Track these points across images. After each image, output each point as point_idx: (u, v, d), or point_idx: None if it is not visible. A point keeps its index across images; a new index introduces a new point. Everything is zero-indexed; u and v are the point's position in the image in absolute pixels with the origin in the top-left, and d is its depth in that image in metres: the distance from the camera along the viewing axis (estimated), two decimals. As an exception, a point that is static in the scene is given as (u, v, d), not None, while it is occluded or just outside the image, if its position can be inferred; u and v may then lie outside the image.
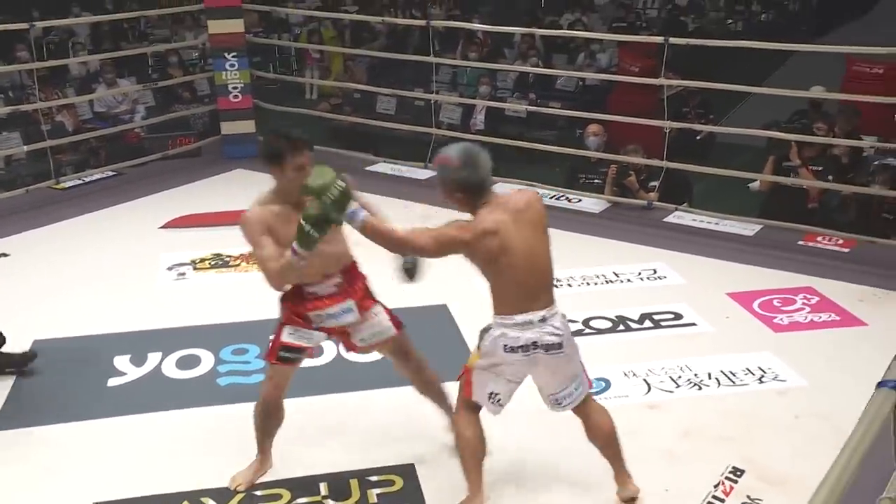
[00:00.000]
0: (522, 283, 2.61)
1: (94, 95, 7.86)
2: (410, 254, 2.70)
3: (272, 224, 2.76)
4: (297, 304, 2.89)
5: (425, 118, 7.06)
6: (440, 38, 9.03)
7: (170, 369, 3.76)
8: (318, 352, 3.26)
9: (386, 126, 7.37)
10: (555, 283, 2.76)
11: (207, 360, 3.83)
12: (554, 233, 5.32)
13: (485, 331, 2.69)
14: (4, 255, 4.99)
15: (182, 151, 7.09)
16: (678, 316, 4.25)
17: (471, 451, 2.76)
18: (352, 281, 2.94)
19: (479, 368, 2.71)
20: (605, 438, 2.84)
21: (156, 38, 10.88)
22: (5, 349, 3.69)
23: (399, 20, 9.50)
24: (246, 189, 3.37)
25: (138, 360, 3.81)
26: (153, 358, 3.83)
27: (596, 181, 6.13)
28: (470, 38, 9.14)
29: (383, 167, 6.78)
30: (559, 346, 2.67)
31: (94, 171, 6.59)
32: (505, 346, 2.63)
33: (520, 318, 2.62)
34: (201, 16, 8.74)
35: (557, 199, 6.01)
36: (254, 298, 4.41)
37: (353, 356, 3.77)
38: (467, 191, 2.60)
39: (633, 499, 2.87)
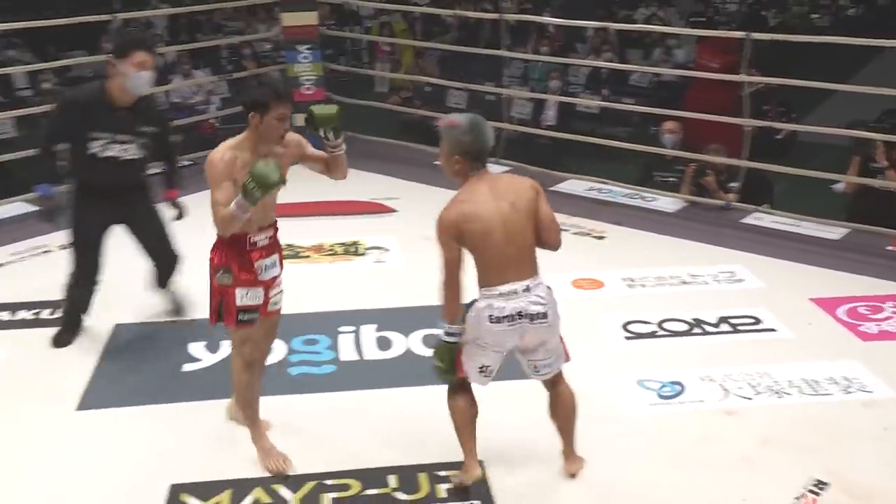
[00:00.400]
0: (504, 255, 2.70)
1: (171, 86, 8.06)
2: (452, 289, 2.73)
3: (237, 170, 2.88)
4: (241, 259, 2.98)
5: (495, 113, 7.00)
6: (511, 32, 8.97)
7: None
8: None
9: (457, 120, 7.35)
10: (537, 260, 2.80)
11: (279, 349, 3.88)
12: (627, 232, 5.35)
13: (468, 306, 2.75)
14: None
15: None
16: (757, 320, 4.13)
17: (459, 418, 2.87)
18: (276, 237, 3.12)
19: (466, 344, 2.78)
20: (566, 418, 2.96)
21: (230, 31, 11.10)
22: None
23: (471, 13, 9.47)
24: (318, 180, 3.40)
25: (212, 347, 3.88)
26: (226, 346, 3.88)
27: (671, 180, 6.01)
28: (541, 32, 9.07)
29: (453, 161, 6.78)
30: (544, 315, 2.74)
31: (170, 161, 6.73)
32: (490, 316, 2.70)
33: (504, 288, 2.70)
34: (275, 8, 8.87)
35: (631, 197, 5.92)
36: (324, 290, 4.51)
37: (422, 350, 3.82)
38: (467, 155, 2.70)
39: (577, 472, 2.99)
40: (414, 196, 5.94)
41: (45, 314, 4.22)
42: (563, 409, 2.95)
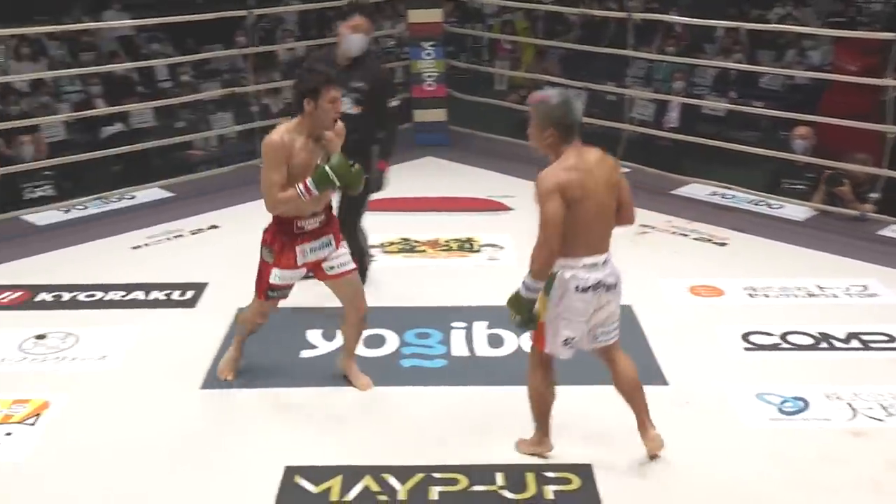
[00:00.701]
0: (592, 227, 2.83)
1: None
2: (550, 247, 2.79)
3: (292, 153, 3.13)
4: (286, 242, 3.27)
5: (616, 113, 6.90)
6: (636, 31, 8.79)
7: (357, 346, 3.91)
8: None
9: (576, 119, 7.25)
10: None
11: (392, 341, 3.96)
12: (750, 239, 5.17)
13: (550, 279, 2.84)
14: (215, 226, 5.40)
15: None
16: (891, 338, 3.91)
17: (540, 400, 3.04)
18: (330, 219, 3.37)
19: (549, 319, 2.88)
20: (632, 387, 3.02)
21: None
22: None
23: (597, 12, 9.33)
24: (436, 177, 3.46)
25: (329, 336, 3.99)
26: (341, 335, 3.99)
27: (800, 187, 5.76)
28: (668, 32, 8.84)
29: (571, 161, 6.71)
30: (615, 286, 2.92)
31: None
32: (577, 286, 2.84)
33: (588, 259, 2.84)
34: (400, 5, 9.03)
35: (756, 203, 5.71)
36: (437, 284, 4.57)
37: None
38: (560, 128, 2.80)
39: (657, 453, 3.02)
40: (530, 195, 5.91)
41: (176, 295, 4.44)
42: (626, 378, 3.03)
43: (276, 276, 3.31)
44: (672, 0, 11.71)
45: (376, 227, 5.36)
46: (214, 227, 5.41)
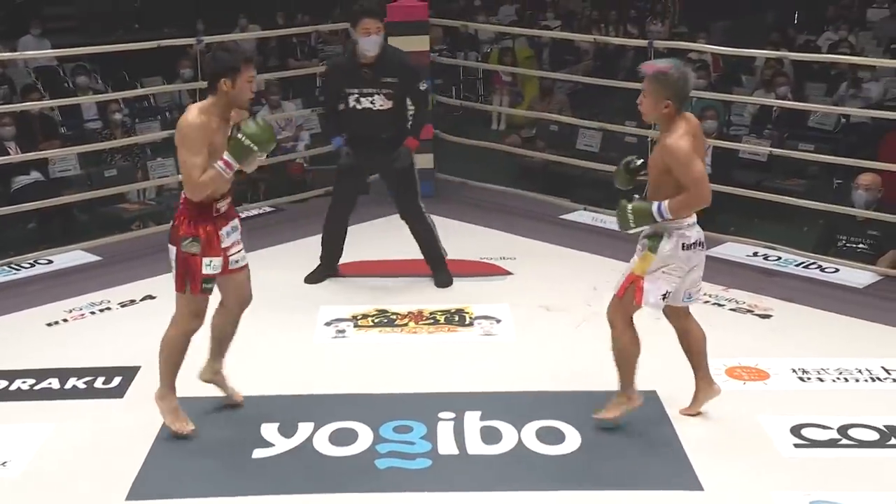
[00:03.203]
0: None
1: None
2: (699, 203, 3.66)
3: (210, 135, 3.58)
4: (209, 228, 3.69)
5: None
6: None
7: (322, 444, 3.89)
8: None
9: (588, 166, 7.38)
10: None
11: (365, 436, 3.94)
12: (800, 310, 5.22)
13: (654, 238, 3.66)
14: (150, 297, 5.41)
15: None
16: (975, 432, 3.92)
17: (632, 354, 3.80)
18: (231, 201, 3.84)
19: (650, 273, 3.68)
20: (701, 349, 3.94)
21: (326, 55, 11.56)
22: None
23: (613, 39, 9.57)
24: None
25: (288, 430, 3.97)
26: (304, 429, 3.98)
27: (861, 247, 5.83)
28: (698, 62, 9.04)
29: (582, 216, 6.80)
30: (704, 244, 3.79)
31: (251, 206, 7.06)
32: (683, 244, 3.66)
33: (691, 219, 3.68)
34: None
35: (806, 267, 5.77)
36: (422, 366, 4.57)
37: (537, 446, 3.80)
38: (677, 100, 3.57)
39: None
40: (533, 257, 5.97)
41: (100, 383, 4.41)
42: (696, 341, 3.92)
43: (208, 264, 3.73)
44: (702, 24, 12.00)
45: (346, 295, 5.42)
46: (149, 297, 5.41)
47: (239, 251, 3.90)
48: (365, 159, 5.34)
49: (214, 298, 3.94)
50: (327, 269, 5.60)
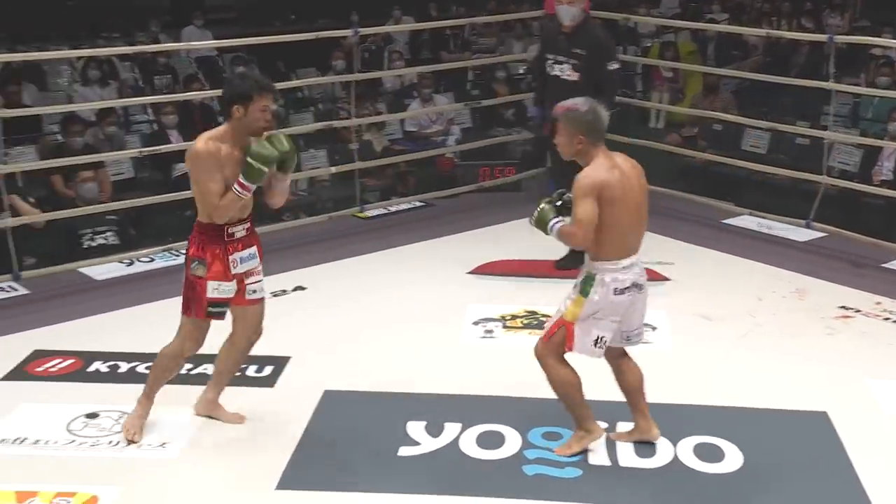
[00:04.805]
0: (628, 230, 3.61)
1: (408, 114, 8.55)
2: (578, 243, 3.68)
3: (222, 162, 3.64)
4: (217, 251, 3.74)
5: (809, 161, 6.76)
6: (838, 57, 8.64)
7: (469, 445, 3.93)
8: None
9: (754, 168, 7.16)
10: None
11: (513, 440, 3.95)
12: None
13: (587, 281, 3.63)
14: (301, 287, 5.57)
15: (499, 184, 7.49)
16: None
17: (574, 386, 3.74)
18: (253, 228, 3.89)
19: (581, 319, 3.63)
20: (639, 387, 3.87)
21: (480, 49, 11.61)
22: None
23: (787, 33, 9.23)
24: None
25: (434, 430, 4.03)
26: (451, 429, 4.03)
27: None
28: (881, 58, 8.62)
29: (747, 221, 6.67)
30: (643, 286, 3.71)
31: (400, 200, 7.17)
32: (615, 289, 3.61)
33: (625, 261, 3.62)
34: (534, 24, 9.20)
35: None
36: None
37: (694, 462, 3.72)
38: (589, 135, 3.59)
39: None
40: (693, 263, 5.86)
41: (251, 371, 4.56)
42: (633, 378, 3.86)
43: (213, 288, 3.78)
44: (887, 17, 11.42)
45: (494, 294, 5.43)
46: (300, 287, 5.58)
47: (258, 281, 3.92)
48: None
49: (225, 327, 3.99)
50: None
